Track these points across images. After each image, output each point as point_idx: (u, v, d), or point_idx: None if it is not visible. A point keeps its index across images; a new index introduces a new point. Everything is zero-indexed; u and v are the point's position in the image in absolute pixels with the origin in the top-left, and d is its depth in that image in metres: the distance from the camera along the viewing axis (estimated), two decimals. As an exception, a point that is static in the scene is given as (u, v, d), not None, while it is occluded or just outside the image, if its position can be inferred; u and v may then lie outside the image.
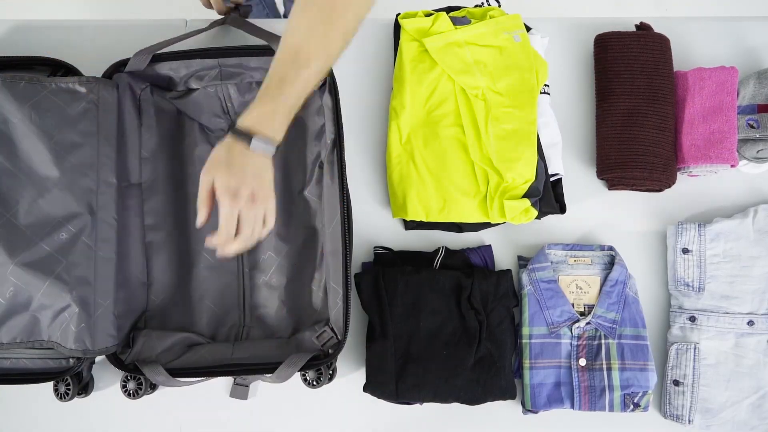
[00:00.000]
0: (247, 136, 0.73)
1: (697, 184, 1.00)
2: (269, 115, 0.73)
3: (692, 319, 0.93)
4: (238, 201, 0.73)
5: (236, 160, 0.73)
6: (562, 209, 0.96)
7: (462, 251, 0.97)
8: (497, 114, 0.94)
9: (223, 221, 0.73)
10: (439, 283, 0.93)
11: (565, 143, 1.01)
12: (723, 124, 0.94)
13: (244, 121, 0.73)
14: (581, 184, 1.00)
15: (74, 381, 0.90)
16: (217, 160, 0.74)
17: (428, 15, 1.00)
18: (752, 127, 0.94)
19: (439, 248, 0.96)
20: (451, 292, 0.93)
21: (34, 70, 0.95)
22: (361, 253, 0.98)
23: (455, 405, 0.94)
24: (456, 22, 0.98)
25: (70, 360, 0.88)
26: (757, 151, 0.95)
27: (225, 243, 0.74)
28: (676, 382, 0.93)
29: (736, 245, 0.94)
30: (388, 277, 0.93)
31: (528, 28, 1.01)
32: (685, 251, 0.94)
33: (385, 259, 0.97)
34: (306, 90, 0.74)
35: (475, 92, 0.95)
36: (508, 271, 0.95)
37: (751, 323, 0.93)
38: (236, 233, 0.74)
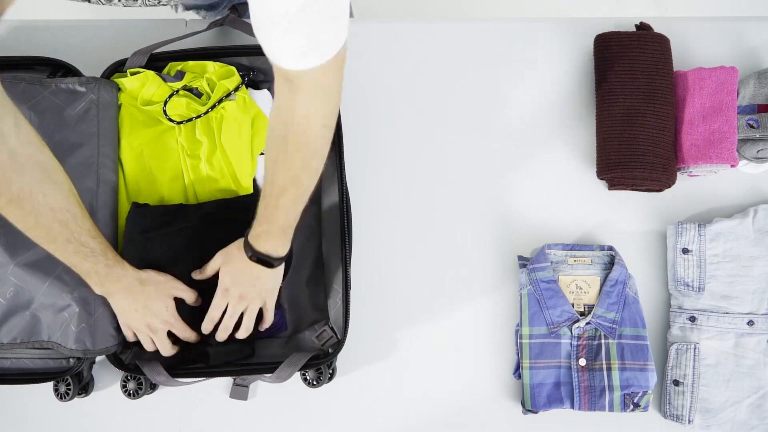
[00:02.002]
0: (251, 251, 0.81)
1: (697, 184, 1.00)
2: (263, 235, 0.80)
3: (692, 319, 0.93)
4: (226, 296, 0.86)
5: (239, 264, 0.84)
6: None
7: None
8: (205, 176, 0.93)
9: (210, 308, 0.87)
10: None
11: (565, 143, 1.01)
12: (723, 124, 0.94)
13: (251, 237, 0.82)
14: (581, 184, 1.00)
15: (74, 381, 0.90)
16: (227, 257, 0.86)
17: (135, 73, 0.94)
18: (752, 127, 0.94)
19: None
20: None
21: (34, 71, 0.95)
22: (360, 253, 0.98)
23: (455, 405, 0.94)
24: (167, 79, 0.94)
25: (71, 360, 0.88)
26: (757, 151, 0.95)
27: (210, 326, 0.87)
28: (676, 382, 0.93)
29: (736, 245, 0.94)
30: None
31: (248, 83, 0.95)
32: (685, 251, 0.94)
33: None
34: (292, 212, 0.79)
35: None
36: None
37: (751, 323, 0.93)
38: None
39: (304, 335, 0.93)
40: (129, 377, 0.90)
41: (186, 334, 0.88)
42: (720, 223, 0.94)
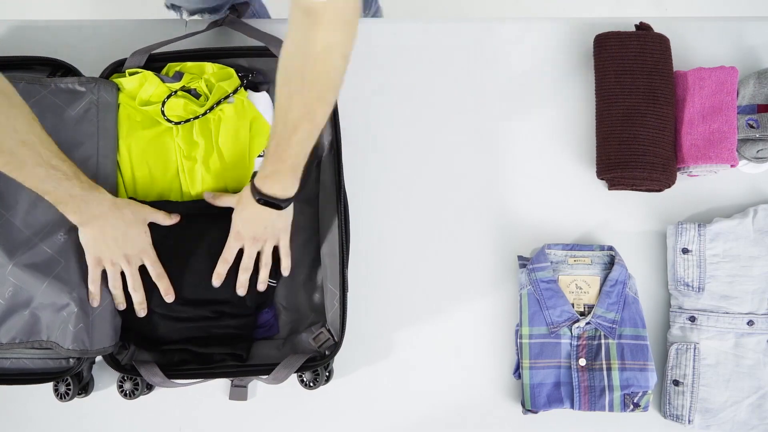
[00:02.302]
0: (258, 194, 0.82)
1: (697, 184, 1.00)
2: (272, 176, 0.81)
3: (692, 319, 0.93)
4: (239, 238, 0.87)
5: (249, 209, 0.85)
6: None
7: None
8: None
9: (224, 250, 0.88)
10: None
11: (565, 143, 1.01)
12: (723, 124, 0.94)
13: (258, 179, 0.83)
14: (581, 184, 1.00)
15: (74, 381, 0.90)
16: (238, 200, 0.87)
17: (134, 74, 0.92)
18: (752, 127, 0.94)
19: None
20: None
21: (34, 70, 0.95)
22: (358, 254, 0.98)
23: (454, 406, 0.94)
24: (166, 80, 0.93)
25: (70, 360, 0.88)
26: (757, 151, 0.95)
27: (224, 268, 0.88)
28: (676, 382, 0.93)
29: (736, 245, 0.94)
30: None
31: (247, 85, 0.95)
32: (685, 251, 0.94)
33: None
34: (302, 150, 0.79)
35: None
36: None
37: (750, 323, 0.92)
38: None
39: (301, 337, 0.93)
40: (125, 378, 0.90)
41: (158, 269, 0.87)
42: (720, 223, 0.94)
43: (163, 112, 0.91)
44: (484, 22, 1.05)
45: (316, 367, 0.88)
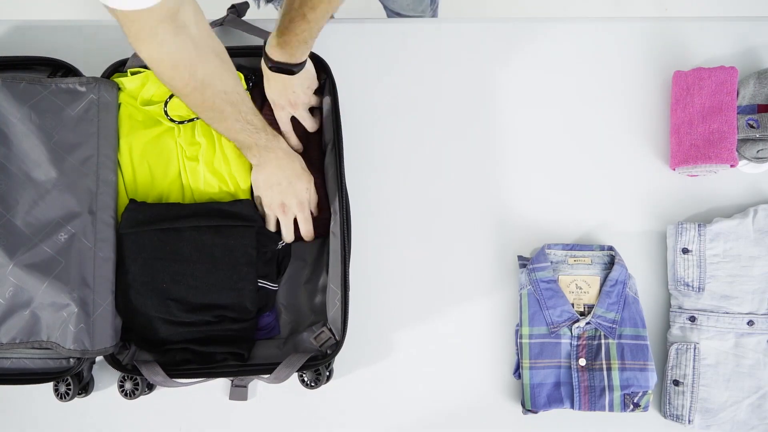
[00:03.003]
0: (269, 61, 0.87)
1: (697, 184, 1.00)
2: (284, 45, 0.85)
3: (692, 319, 0.93)
4: (278, 109, 0.94)
5: (272, 80, 0.91)
6: None
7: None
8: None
9: (280, 125, 0.95)
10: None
11: (565, 143, 1.01)
12: (723, 124, 0.94)
13: (267, 49, 0.87)
14: (581, 183, 1.00)
15: (74, 381, 0.90)
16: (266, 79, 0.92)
17: (135, 73, 0.94)
18: (752, 127, 0.94)
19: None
20: None
21: (34, 71, 0.95)
22: (359, 254, 0.98)
23: (454, 405, 0.94)
24: None
25: (70, 360, 0.88)
26: (757, 151, 0.95)
27: (295, 141, 0.95)
28: (676, 382, 0.93)
29: (736, 245, 0.94)
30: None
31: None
32: (685, 251, 0.94)
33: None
34: (317, 26, 0.83)
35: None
36: None
37: (751, 323, 0.92)
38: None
39: (302, 336, 0.93)
40: (126, 377, 0.90)
41: (308, 226, 0.93)
42: (720, 223, 0.94)
43: (166, 112, 0.91)
44: (483, 22, 1.05)
45: (318, 366, 0.88)
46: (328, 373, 0.92)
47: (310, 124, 0.95)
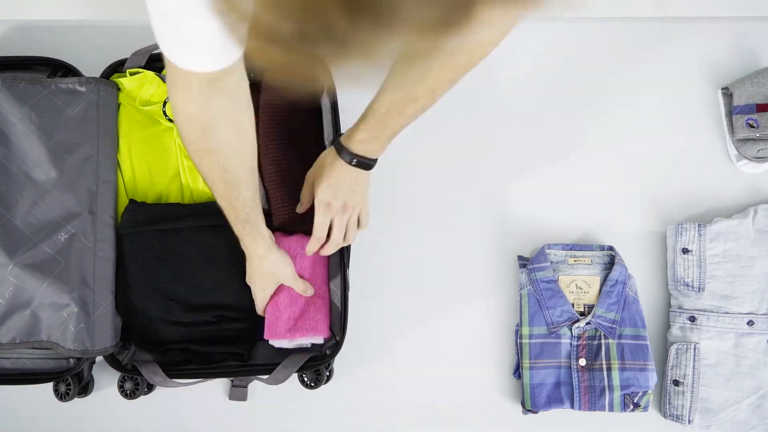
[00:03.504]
0: (351, 156, 0.82)
1: (697, 184, 1.00)
2: (372, 140, 0.81)
3: (692, 319, 0.93)
4: (330, 210, 0.86)
5: (335, 173, 0.84)
6: None
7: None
8: None
9: (315, 228, 0.86)
10: None
11: (565, 143, 1.01)
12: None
13: (349, 142, 0.82)
14: (581, 183, 1.00)
15: (74, 381, 0.90)
16: (320, 169, 0.86)
17: (134, 74, 0.94)
18: (752, 126, 0.94)
19: None
20: None
21: (34, 71, 0.95)
22: (359, 254, 0.98)
23: (454, 405, 0.93)
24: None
25: (71, 360, 0.88)
26: (758, 151, 0.95)
27: (317, 246, 0.87)
28: (676, 382, 0.93)
29: (736, 245, 0.94)
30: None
31: None
32: (685, 251, 0.94)
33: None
34: (409, 121, 0.80)
35: None
36: None
37: (750, 323, 0.92)
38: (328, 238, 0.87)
39: (302, 336, 0.93)
40: (126, 377, 0.90)
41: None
42: (720, 223, 0.94)
43: (164, 112, 0.91)
44: (484, 22, 1.05)
45: (318, 366, 0.88)
46: (328, 373, 0.92)
47: (352, 236, 0.90)
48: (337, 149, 0.83)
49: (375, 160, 0.84)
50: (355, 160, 0.83)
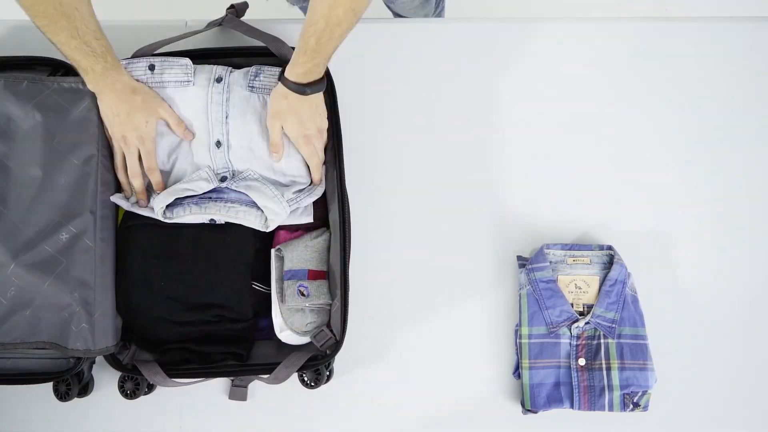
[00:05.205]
0: (301, 87, 0.85)
1: (696, 184, 1.00)
2: (314, 67, 0.84)
3: None
4: (310, 140, 0.90)
5: (297, 107, 0.87)
6: None
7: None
8: None
9: (309, 158, 0.91)
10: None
11: (564, 143, 1.01)
12: None
13: (296, 76, 0.85)
14: (580, 183, 1.00)
15: (74, 381, 0.90)
16: (280, 110, 0.88)
17: None
18: (303, 294, 0.90)
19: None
20: None
21: (35, 70, 0.95)
22: (359, 254, 0.98)
23: (454, 405, 0.93)
24: None
25: (70, 360, 0.88)
26: (306, 324, 0.91)
27: (318, 175, 0.93)
28: None
29: None
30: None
31: None
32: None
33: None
34: (342, 40, 0.82)
35: None
36: None
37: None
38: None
39: (302, 336, 0.93)
40: (126, 377, 0.90)
41: (150, 161, 0.89)
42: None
43: None
44: (482, 23, 1.06)
45: (318, 366, 0.88)
46: (328, 373, 0.92)
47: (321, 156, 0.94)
48: (289, 87, 0.85)
49: (323, 77, 0.87)
50: (308, 90, 0.86)
